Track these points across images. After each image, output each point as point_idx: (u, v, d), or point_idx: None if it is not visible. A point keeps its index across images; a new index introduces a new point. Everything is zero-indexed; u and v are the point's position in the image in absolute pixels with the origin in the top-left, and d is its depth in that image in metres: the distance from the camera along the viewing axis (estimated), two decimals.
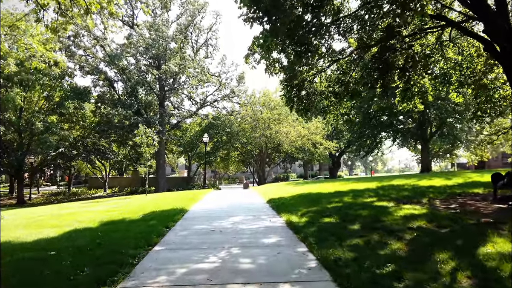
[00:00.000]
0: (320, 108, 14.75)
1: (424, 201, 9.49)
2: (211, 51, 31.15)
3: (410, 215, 7.38)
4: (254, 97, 31.32)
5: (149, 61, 29.41)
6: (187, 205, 11.83)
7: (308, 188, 15.56)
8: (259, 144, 29.90)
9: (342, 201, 10.11)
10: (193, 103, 33.05)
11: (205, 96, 32.13)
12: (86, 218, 9.57)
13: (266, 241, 6.20)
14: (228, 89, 31.90)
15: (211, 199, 14.74)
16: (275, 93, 33.26)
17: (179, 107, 32.62)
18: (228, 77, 31.33)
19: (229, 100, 32.42)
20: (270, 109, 29.51)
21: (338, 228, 6.65)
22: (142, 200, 15.35)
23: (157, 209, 10.67)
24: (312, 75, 14.26)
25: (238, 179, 59.67)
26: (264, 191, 17.30)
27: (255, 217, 8.90)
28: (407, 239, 5.77)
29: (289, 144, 29.44)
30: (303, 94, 14.30)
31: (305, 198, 11.84)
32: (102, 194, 34.20)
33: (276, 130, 28.75)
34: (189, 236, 6.81)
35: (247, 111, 29.17)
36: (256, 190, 20.09)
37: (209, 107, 33.03)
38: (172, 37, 28.03)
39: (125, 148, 32.73)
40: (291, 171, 66.62)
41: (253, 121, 29.26)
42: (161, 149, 29.21)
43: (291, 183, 21.80)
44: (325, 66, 13.62)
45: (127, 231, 7.23)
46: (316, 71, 14.32)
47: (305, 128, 29.90)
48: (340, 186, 15.28)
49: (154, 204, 12.43)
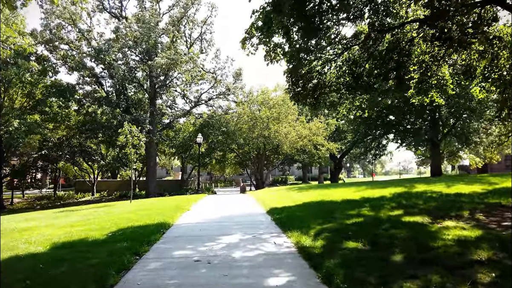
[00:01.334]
0: (331, 101, 12.86)
1: (465, 215, 7.58)
2: (205, 46, 29.23)
3: (464, 239, 5.48)
4: (252, 95, 29.39)
5: (139, 56, 27.43)
6: (173, 216, 9.87)
7: (314, 195, 13.63)
8: (257, 145, 27.95)
9: (362, 215, 8.18)
10: (186, 102, 31.10)
11: (199, 94, 30.17)
12: (41, 237, 7.57)
13: (272, 283, 4.26)
14: (223, 87, 29.98)
15: (203, 208, 12.77)
16: (274, 92, 31.38)
17: (172, 106, 30.62)
18: (224, 74, 29.43)
19: (225, 98, 30.49)
20: (269, 107, 27.59)
21: (373, 261, 4.72)
22: (124, 208, 13.35)
23: (135, 224, 8.69)
24: (321, 64, 12.40)
25: (234, 181, 57.68)
26: (264, 197, 15.36)
27: (255, 236, 6.95)
28: (484, 283, 3.86)
29: (290, 146, 27.53)
30: (311, 86, 12.42)
31: (314, 208, 9.91)
32: (89, 198, 32.06)
33: (275, 130, 26.82)
34: (163, 272, 4.84)
35: (245, 110, 27.23)
36: (254, 195, 18.14)
37: (204, 105, 31.09)
38: (164, 30, 26.07)
39: (114, 149, 30.63)
40: (290, 173, 64.74)
41: (250, 120, 27.30)
42: (152, 150, 27.20)
43: (293, 188, 19.84)
44: (337, 51, 11.68)
45: (79, 262, 5.25)
46: (325, 60, 12.45)
47: (306, 128, 28.02)
48: (349, 193, 13.36)
49: (135, 215, 10.45)
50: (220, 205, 13.82)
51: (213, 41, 29.34)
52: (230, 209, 11.86)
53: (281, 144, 27.37)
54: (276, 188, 23.10)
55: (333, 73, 12.85)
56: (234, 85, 29.73)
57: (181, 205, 13.21)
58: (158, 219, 9.18)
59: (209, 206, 13.55)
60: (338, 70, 12.87)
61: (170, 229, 8.16)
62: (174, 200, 16.40)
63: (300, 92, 12.35)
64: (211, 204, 14.21)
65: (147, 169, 27.90)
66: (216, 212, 11.28)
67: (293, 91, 12.31)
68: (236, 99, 30.77)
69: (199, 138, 25.47)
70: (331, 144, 29.14)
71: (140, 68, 25.76)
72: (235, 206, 12.88)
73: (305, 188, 18.17)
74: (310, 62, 12.02)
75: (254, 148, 28.84)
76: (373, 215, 8.02)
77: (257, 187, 29.40)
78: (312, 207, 10.20)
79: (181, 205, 13.21)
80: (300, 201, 11.92)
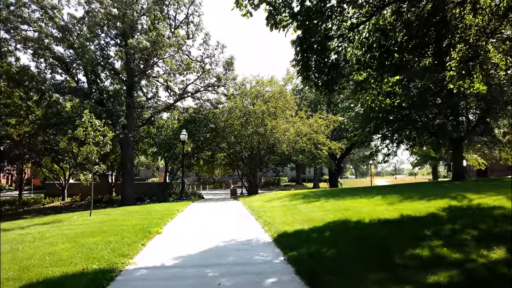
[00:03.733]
0: (355, 81, 9.44)
1: None
2: (192, 31, 25.53)
3: None
4: (245, 87, 25.84)
5: (114, 40, 23.63)
6: (130, 249, 6.34)
7: (331, 208, 10.19)
8: (250, 144, 24.45)
9: (441, 258, 4.79)
10: (170, 95, 27.27)
11: (184, 86, 26.45)
12: None
13: None
14: (212, 77, 26.38)
15: (181, 229, 9.22)
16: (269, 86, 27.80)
17: (154, 98, 26.81)
18: (213, 62, 25.81)
19: (214, 90, 26.87)
20: (265, 101, 24.12)
21: None
22: (67, 229, 9.63)
23: (59, 269, 5.14)
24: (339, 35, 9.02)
25: (224, 183, 54.12)
26: (262, 209, 11.88)
27: None
28: None
29: (288, 145, 24.09)
30: (327, 61, 9.02)
31: (346, 237, 6.45)
32: (58, 204, 28.06)
33: (272, 126, 23.33)
34: None
35: (237, 103, 23.69)
36: (249, 204, 14.65)
37: (190, 99, 27.41)
38: (144, 9, 22.33)
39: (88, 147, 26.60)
40: (283, 174, 61.43)
41: (243, 116, 23.75)
42: (129, 149, 23.43)
43: (296, 196, 16.37)
44: (362, 17, 8.34)
45: None
46: (346, 28, 9.08)
47: (306, 125, 24.66)
48: (377, 206, 10.00)
49: (75, 245, 6.87)
50: (205, 222, 10.27)
51: (201, 25, 25.70)
52: (218, 232, 8.33)
53: (278, 143, 23.93)
54: (273, 195, 19.60)
55: (356, 45, 9.46)
56: (224, 76, 26.16)
57: (153, 222, 9.63)
58: (102, 258, 5.61)
59: (189, 224, 9.99)
60: (363, 42, 9.49)
61: (114, 282, 4.62)
62: (147, 212, 12.77)
63: (312, 68, 8.95)
64: (193, 221, 10.65)
65: (123, 171, 24.09)
66: (197, 238, 7.75)
67: (303, 67, 8.89)
68: (227, 92, 27.20)
69: (183, 134, 21.84)
70: (333, 143, 25.84)
71: (115, 51, 21.98)
72: (225, 226, 9.36)
73: (312, 196, 14.72)
74: (326, 30, 8.66)
75: (247, 148, 25.33)
76: (461, 259, 4.63)
77: (250, 190, 25.91)
78: (342, 234, 6.76)
79: (153, 222, 9.63)
80: (317, 221, 8.47)
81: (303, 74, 8.99)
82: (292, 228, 7.81)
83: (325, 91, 9.16)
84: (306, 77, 9.02)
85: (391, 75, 9.99)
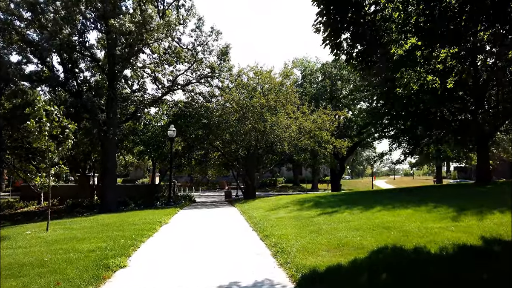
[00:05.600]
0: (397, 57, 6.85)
1: None
2: (184, 15, 22.81)
3: None
4: (241, 79, 23.16)
5: (95, 25, 20.81)
6: None
7: (364, 224, 7.60)
8: (247, 143, 21.80)
9: None
10: (159, 88, 24.45)
11: (174, 76, 23.67)
12: None
13: None
14: (206, 68, 23.67)
15: (156, 259, 6.54)
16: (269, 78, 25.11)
17: (140, 92, 23.95)
18: (206, 51, 23.10)
19: (207, 82, 24.14)
20: (264, 94, 21.49)
21: None
22: (3, 255, 6.92)
23: None
24: None
25: (218, 184, 51.41)
26: (267, 223, 9.27)
27: None
28: None
29: (290, 143, 21.43)
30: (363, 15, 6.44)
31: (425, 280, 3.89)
32: (32, 208, 25.14)
33: (273, 122, 20.66)
34: None
35: (233, 95, 21.01)
36: (248, 215, 12.03)
37: (180, 91, 24.65)
38: None
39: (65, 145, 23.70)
40: (279, 175, 58.80)
41: (240, 109, 21.03)
42: (110, 147, 20.59)
43: (306, 204, 13.72)
44: None
45: None
46: None
47: (309, 120, 22.06)
48: (421, 219, 7.46)
49: None
50: (192, 245, 7.59)
51: (194, 9, 22.93)
52: (208, 267, 5.67)
53: (279, 141, 21.27)
54: (276, 200, 16.92)
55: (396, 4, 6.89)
56: (219, 66, 23.47)
57: (120, 246, 6.96)
58: None
59: (170, 249, 7.29)
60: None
61: None
62: (120, 226, 10.02)
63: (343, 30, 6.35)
64: (175, 243, 7.96)
65: (103, 172, 21.26)
66: (177, 280, 5.08)
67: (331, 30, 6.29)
68: (221, 84, 24.51)
69: (171, 130, 19.12)
70: (338, 141, 23.30)
71: (96, 39, 19.12)
72: (219, 253, 6.69)
73: (325, 204, 12.10)
74: None
75: (243, 146, 22.68)
76: None
77: (247, 193, 23.26)
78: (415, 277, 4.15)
79: (120, 246, 6.96)
80: (354, 247, 5.86)
81: (331, 41, 6.39)
82: (320, 261, 5.19)
83: (360, 66, 6.59)
84: (336, 45, 6.41)
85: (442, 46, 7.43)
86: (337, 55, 6.57)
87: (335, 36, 6.24)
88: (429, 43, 7.13)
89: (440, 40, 7.12)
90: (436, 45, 7.13)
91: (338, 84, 32.81)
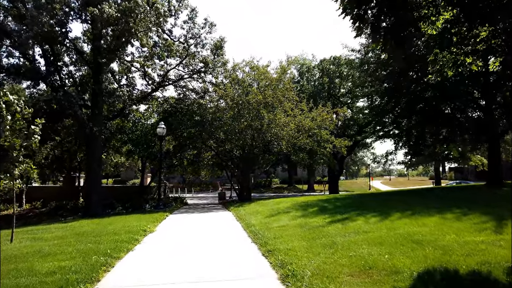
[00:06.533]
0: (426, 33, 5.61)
1: None
2: (175, 6, 21.39)
3: None
4: (236, 75, 21.85)
5: (78, 14, 19.30)
6: None
7: (381, 235, 6.33)
8: (243, 142, 20.48)
9: None
10: (148, 83, 22.99)
11: (165, 71, 22.23)
12: None
13: None
14: (199, 63, 22.29)
15: None
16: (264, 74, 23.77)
17: (128, 87, 22.47)
18: (199, 44, 21.73)
19: (200, 78, 22.75)
20: (260, 90, 20.19)
21: None
22: None
23: None
24: None
25: (212, 185, 49.92)
26: (268, 232, 7.97)
27: None
28: None
29: (288, 142, 20.14)
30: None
31: None
32: (10, 212, 23.46)
33: (270, 119, 19.36)
34: None
35: (227, 91, 19.67)
36: (245, 222, 10.70)
37: (172, 87, 23.23)
38: None
39: (32, 141, 22.07)
40: (274, 176, 57.48)
41: (235, 106, 19.68)
42: (95, 146, 19.10)
43: (310, 208, 12.39)
44: None
45: None
46: None
47: (308, 119, 20.82)
48: (455, 230, 6.25)
49: None
50: (178, 271, 6.24)
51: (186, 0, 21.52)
52: None
53: (276, 140, 19.98)
54: (274, 204, 15.57)
55: None
56: (213, 60, 22.11)
57: (89, 267, 5.60)
58: None
59: (148, 276, 5.92)
60: None
61: None
62: (98, 236, 8.63)
63: None
64: (156, 265, 6.59)
65: (88, 172, 19.75)
66: None
67: None
68: (215, 80, 23.13)
69: (161, 127, 17.70)
70: (338, 140, 22.12)
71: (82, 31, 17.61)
72: (211, 284, 5.37)
73: (331, 210, 10.82)
74: None
75: (238, 146, 21.35)
76: None
77: (242, 195, 21.89)
78: None
79: (89, 267, 5.60)
80: (383, 269, 4.60)
81: (352, 10, 5.11)
82: None
83: (391, 43, 5.33)
84: (358, 16, 5.13)
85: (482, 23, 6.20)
86: (359, 30, 5.30)
87: (358, 3, 4.96)
88: (467, 20, 5.90)
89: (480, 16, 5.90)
90: (476, 21, 5.89)
91: (337, 81, 31.67)
